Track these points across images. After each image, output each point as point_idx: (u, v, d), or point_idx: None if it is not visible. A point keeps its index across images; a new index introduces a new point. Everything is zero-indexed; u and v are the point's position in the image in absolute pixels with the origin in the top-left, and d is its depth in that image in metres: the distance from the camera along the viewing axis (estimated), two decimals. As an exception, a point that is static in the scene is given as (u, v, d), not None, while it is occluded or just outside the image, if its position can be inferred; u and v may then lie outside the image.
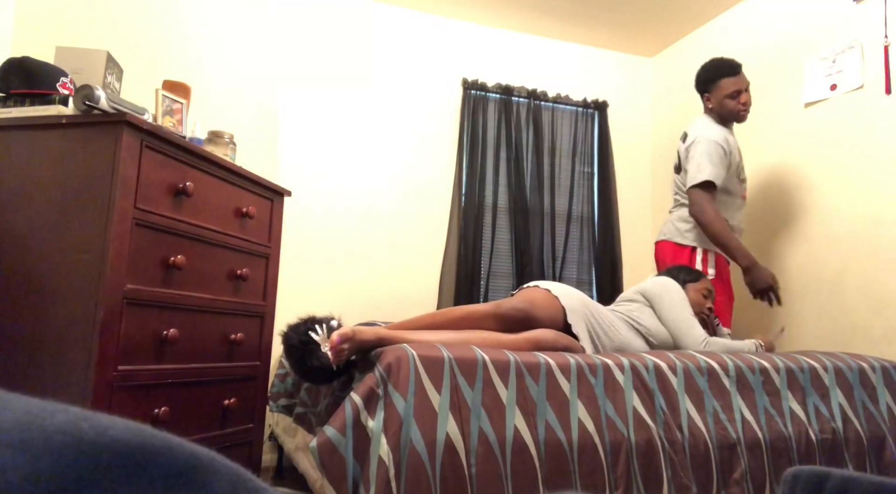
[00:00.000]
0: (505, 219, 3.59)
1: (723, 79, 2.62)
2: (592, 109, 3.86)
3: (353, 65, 3.44)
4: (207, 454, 0.25)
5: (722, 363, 1.73)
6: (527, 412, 1.45)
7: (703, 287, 2.23)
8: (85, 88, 1.50)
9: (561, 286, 1.97)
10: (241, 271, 1.88)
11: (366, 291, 3.28)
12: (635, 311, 2.07)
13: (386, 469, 1.28)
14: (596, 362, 1.59)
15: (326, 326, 1.57)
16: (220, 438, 1.80)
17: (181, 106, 1.98)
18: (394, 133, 3.48)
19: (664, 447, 1.54)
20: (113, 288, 1.42)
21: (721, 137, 2.58)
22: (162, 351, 1.59)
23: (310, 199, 3.24)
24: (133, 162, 1.48)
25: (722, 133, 2.60)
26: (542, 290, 1.94)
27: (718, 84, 2.64)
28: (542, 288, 1.95)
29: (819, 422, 1.74)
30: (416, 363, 1.38)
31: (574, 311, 1.89)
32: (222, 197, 1.83)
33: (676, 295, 2.07)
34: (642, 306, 2.08)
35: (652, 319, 2.05)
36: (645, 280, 2.28)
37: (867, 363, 1.92)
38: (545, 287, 1.95)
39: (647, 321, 2.03)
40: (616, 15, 3.55)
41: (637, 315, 2.05)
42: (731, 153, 2.59)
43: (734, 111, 2.61)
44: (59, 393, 1.40)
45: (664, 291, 2.08)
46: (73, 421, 0.23)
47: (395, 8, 3.55)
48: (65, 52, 1.86)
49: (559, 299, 1.90)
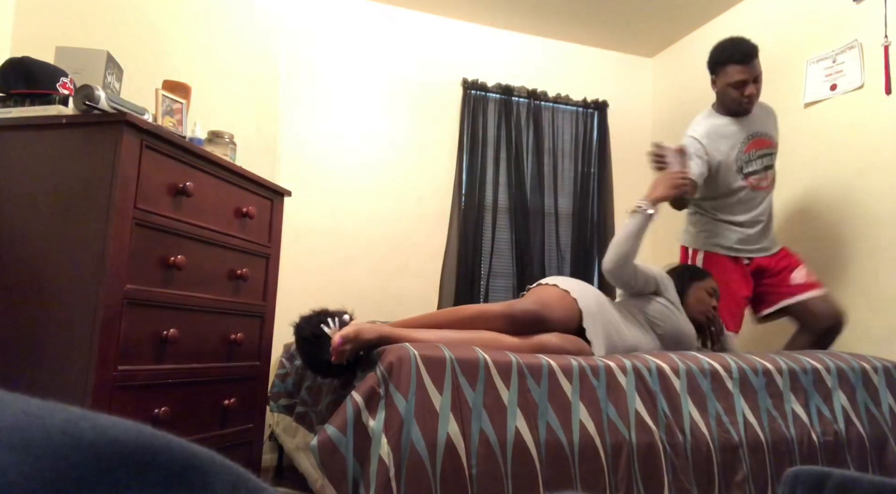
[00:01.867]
0: (505, 219, 3.59)
1: (730, 65, 2.42)
2: (592, 109, 3.86)
3: (353, 65, 3.44)
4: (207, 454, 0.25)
5: (725, 365, 1.73)
6: (528, 413, 1.45)
7: (709, 286, 2.21)
8: (85, 88, 1.50)
9: (577, 284, 1.89)
10: (241, 271, 1.88)
11: (366, 291, 3.28)
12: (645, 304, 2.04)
13: (386, 468, 1.28)
14: (598, 364, 1.59)
15: (339, 320, 1.57)
16: (220, 438, 1.80)
17: (181, 106, 1.98)
18: (394, 133, 3.48)
19: (665, 449, 1.53)
20: (113, 288, 1.42)
21: (702, 131, 2.46)
22: (162, 351, 1.59)
23: (310, 199, 3.24)
24: (133, 162, 1.48)
25: (707, 127, 2.47)
26: (559, 289, 1.84)
27: (725, 69, 2.44)
28: (560, 288, 1.85)
29: (821, 424, 1.74)
30: (417, 363, 1.38)
31: (591, 314, 1.81)
32: (222, 197, 1.83)
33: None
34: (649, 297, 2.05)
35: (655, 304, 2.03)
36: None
37: (869, 363, 1.92)
38: (564, 287, 1.85)
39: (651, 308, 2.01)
40: (616, 15, 3.55)
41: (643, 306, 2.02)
42: (715, 147, 2.44)
43: (735, 101, 2.44)
44: (59, 393, 1.40)
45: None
46: (74, 421, 0.23)
47: (395, 8, 3.55)
48: (65, 52, 1.86)
49: (577, 302, 1.81)
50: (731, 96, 2.45)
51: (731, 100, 2.46)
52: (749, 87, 2.41)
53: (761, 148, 2.50)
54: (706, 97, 3.55)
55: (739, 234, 2.51)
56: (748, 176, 2.49)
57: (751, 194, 2.50)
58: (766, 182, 2.53)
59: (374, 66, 3.48)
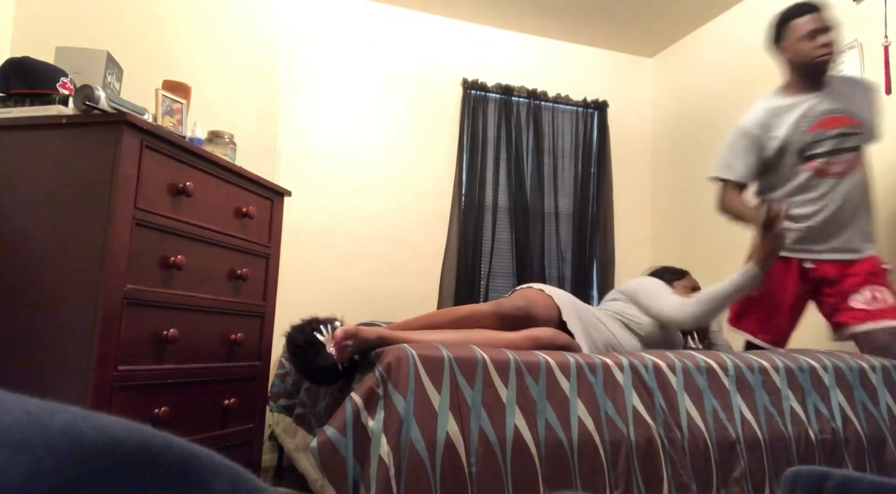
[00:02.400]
0: (505, 219, 3.59)
1: (796, 19, 2.11)
2: (592, 109, 3.87)
3: (353, 65, 3.44)
4: (207, 454, 0.25)
5: (721, 363, 1.73)
6: (527, 411, 1.45)
7: (690, 284, 2.30)
8: (85, 88, 1.50)
9: (551, 288, 2.06)
10: (241, 271, 1.88)
11: (366, 291, 3.28)
12: (620, 308, 2.11)
13: (386, 468, 1.28)
14: (596, 361, 1.60)
15: (331, 326, 1.58)
16: (220, 438, 1.80)
17: (181, 106, 1.98)
18: (394, 133, 3.49)
19: (664, 446, 1.54)
20: (113, 288, 1.42)
21: (753, 121, 2.21)
22: (162, 351, 1.59)
23: (310, 199, 3.24)
24: (133, 162, 1.48)
25: (763, 112, 2.21)
26: (535, 290, 2.03)
27: (792, 25, 2.12)
28: (535, 288, 2.04)
29: (819, 422, 1.74)
30: (415, 363, 1.38)
31: (567, 309, 1.96)
32: (222, 197, 1.83)
33: (653, 284, 2.11)
34: (625, 303, 2.12)
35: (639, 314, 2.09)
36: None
37: (867, 362, 1.92)
38: (538, 287, 2.04)
39: (633, 314, 2.08)
40: (616, 15, 3.55)
41: (622, 309, 2.10)
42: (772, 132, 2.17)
43: (809, 57, 2.09)
44: (59, 393, 1.40)
45: (641, 286, 2.12)
46: (74, 421, 0.23)
47: (395, 8, 3.55)
48: (65, 52, 1.86)
49: (553, 298, 1.97)
50: (803, 52, 2.11)
51: (804, 57, 2.12)
52: (823, 36, 2.09)
53: (835, 127, 2.14)
54: (706, 97, 3.56)
55: (796, 231, 2.18)
56: (810, 159, 2.15)
57: (815, 180, 2.15)
58: (839, 167, 2.14)
59: (374, 66, 3.48)
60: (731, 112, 3.26)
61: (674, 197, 3.78)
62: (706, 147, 3.50)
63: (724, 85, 3.41)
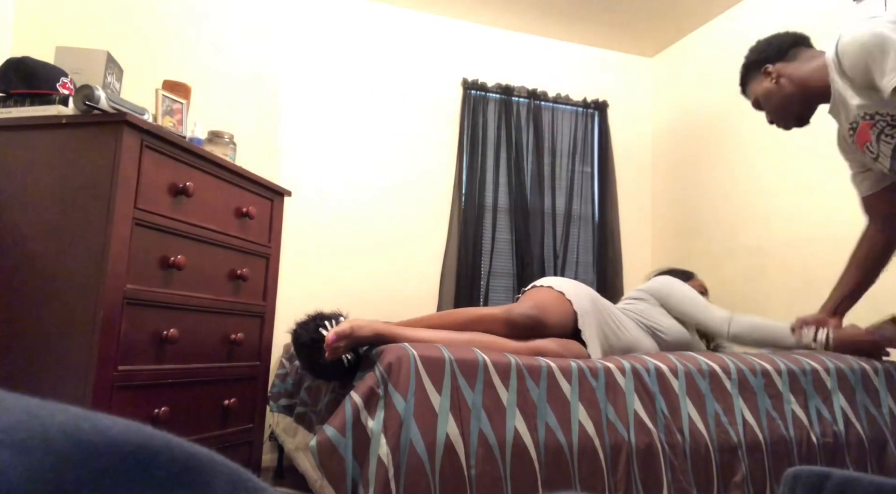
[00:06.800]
0: (505, 219, 3.59)
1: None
2: (592, 109, 3.87)
3: (353, 65, 3.44)
4: (207, 454, 0.25)
5: (723, 366, 1.73)
6: (527, 414, 1.45)
7: (698, 285, 2.26)
8: (85, 88, 1.50)
9: (571, 284, 1.90)
10: (241, 271, 1.88)
11: (366, 291, 3.28)
12: (644, 310, 2.05)
13: (385, 469, 1.28)
14: (597, 365, 1.59)
15: (336, 322, 1.57)
16: (220, 438, 1.80)
17: (181, 106, 1.98)
18: (394, 133, 3.48)
19: (664, 450, 1.54)
20: (113, 288, 1.42)
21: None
22: (162, 351, 1.59)
23: (310, 199, 3.24)
24: (133, 162, 1.48)
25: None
26: (554, 292, 1.86)
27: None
28: (555, 290, 1.86)
29: (821, 425, 1.74)
30: (416, 364, 1.38)
31: (586, 314, 1.83)
32: (222, 197, 1.83)
33: (683, 287, 2.08)
34: (650, 305, 2.07)
35: (663, 316, 2.04)
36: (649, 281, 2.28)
37: (870, 364, 1.92)
38: (559, 289, 1.87)
39: (657, 318, 2.02)
40: (616, 15, 3.55)
41: (647, 314, 2.04)
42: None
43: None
44: (59, 393, 1.40)
45: (670, 287, 2.08)
46: (74, 421, 0.23)
47: (395, 8, 3.55)
48: (65, 52, 1.86)
49: (572, 304, 1.83)
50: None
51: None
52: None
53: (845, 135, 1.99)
54: (706, 97, 3.56)
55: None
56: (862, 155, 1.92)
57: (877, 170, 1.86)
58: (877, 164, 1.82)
59: (373, 66, 3.48)
60: (731, 112, 3.26)
61: (674, 197, 3.78)
62: (706, 147, 3.50)
63: (725, 85, 3.40)
